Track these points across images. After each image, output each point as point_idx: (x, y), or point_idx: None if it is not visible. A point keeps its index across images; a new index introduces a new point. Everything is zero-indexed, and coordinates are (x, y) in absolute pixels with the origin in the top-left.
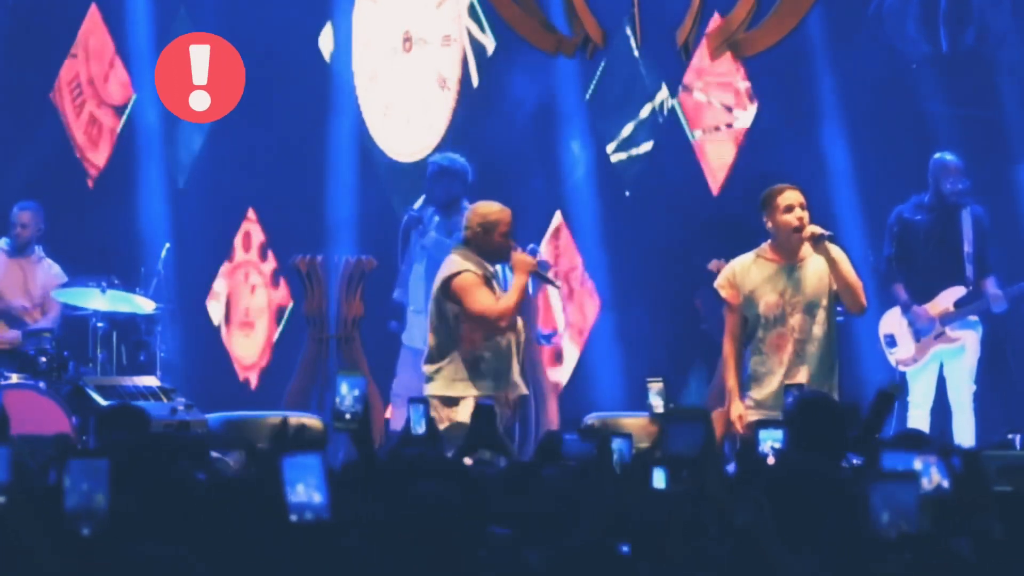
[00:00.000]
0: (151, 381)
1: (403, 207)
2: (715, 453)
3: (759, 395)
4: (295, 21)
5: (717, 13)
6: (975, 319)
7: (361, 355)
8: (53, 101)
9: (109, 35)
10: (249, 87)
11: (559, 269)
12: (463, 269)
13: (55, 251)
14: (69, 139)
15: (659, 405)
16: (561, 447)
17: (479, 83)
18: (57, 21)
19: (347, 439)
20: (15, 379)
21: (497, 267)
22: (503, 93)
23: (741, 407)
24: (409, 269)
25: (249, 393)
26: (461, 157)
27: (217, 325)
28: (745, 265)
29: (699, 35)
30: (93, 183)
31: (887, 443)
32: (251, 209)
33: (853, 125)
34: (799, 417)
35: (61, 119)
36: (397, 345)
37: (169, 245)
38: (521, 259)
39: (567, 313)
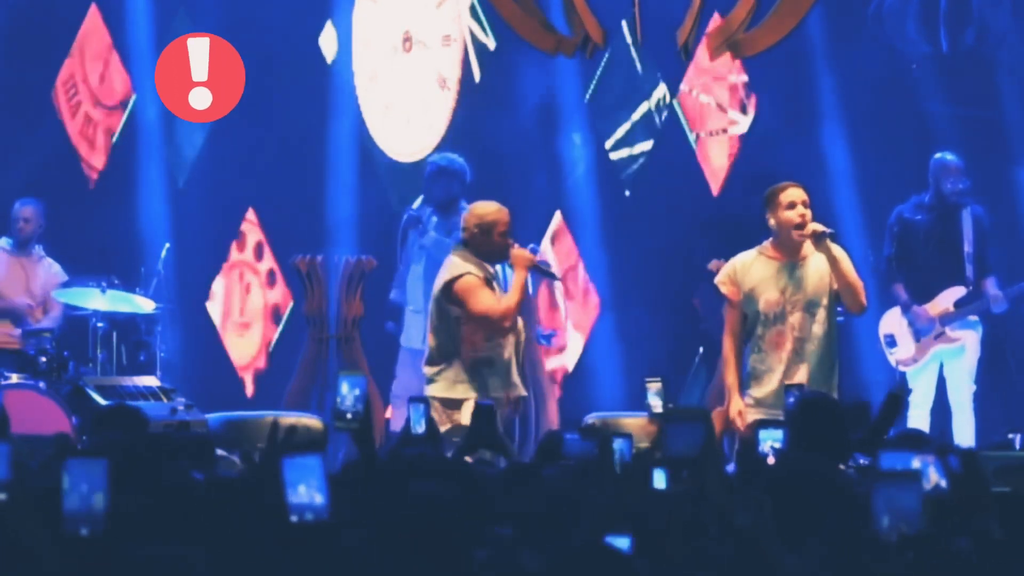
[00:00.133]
0: (151, 381)
1: (403, 207)
2: (715, 453)
3: (758, 393)
4: (295, 21)
5: (717, 13)
6: (975, 319)
7: (361, 355)
8: (53, 101)
9: (108, 35)
10: (249, 87)
11: (559, 269)
12: (464, 272)
13: (55, 251)
14: (68, 139)
15: (658, 405)
16: (562, 447)
17: (480, 81)
18: (58, 20)
19: (347, 439)
20: (15, 379)
21: (497, 266)
22: (503, 92)
23: (740, 403)
24: (407, 270)
25: (250, 393)
26: (459, 157)
27: (217, 325)
28: (746, 262)
29: (699, 35)
30: (93, 183)
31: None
32: (251, 209)
33: (853, 125)
34: (800, 417)
35: (60, 119)
36: (396, 346)
37: (169, 245)
38: (520, 255)
39: (568, 310)
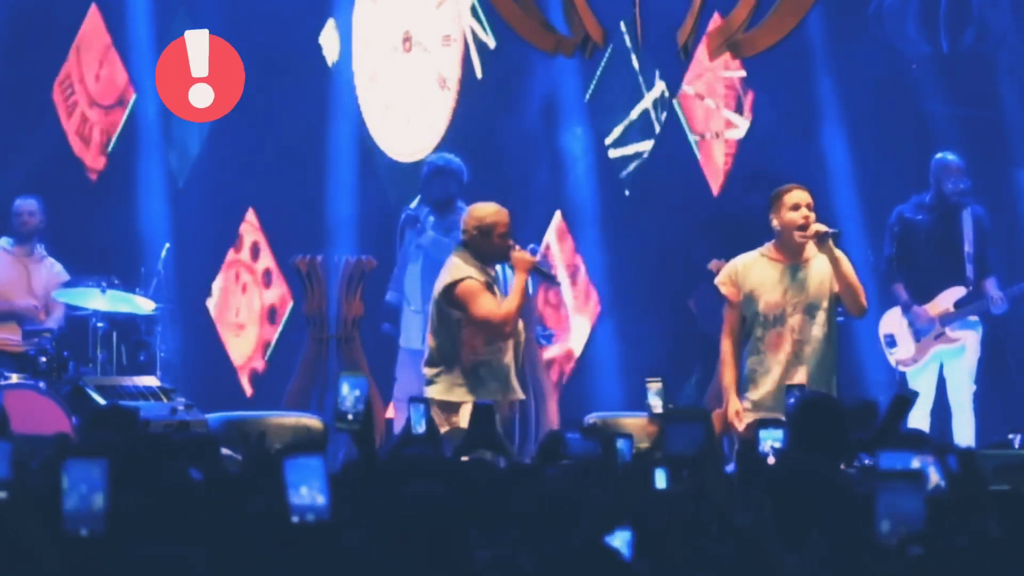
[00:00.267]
0: (151, 381)
1: (403, 207)
2: (715, 453)
3: (756, 395)
4: (295, 21)
5: (717, 13)
6: (975, 319)
7: (361, 355)
8: (53, 100)
9: (108, 34)
10: (249, 87)
11: (559, 269)
12: (466, 276)
13: (55, 250)
14: (66, 138)
15: (658, 405)
16: (562, 447)
17: (482, 80)
18: (58, 20)
19: (347, 439)
20: (15, 379)
21: (497, 267)
22: (504, 92)
23: (738, 405)
24: (403, 270)
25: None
26: (456, 157)
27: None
28: (748, 263)
29: (699, 35)
30: (92, 183)
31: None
32: (250, 210)
33: (853, 125)
34: (801, 417)
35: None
36: (395, 346)
37: (169, 245)
38: (521, 257)
39: (569, 310)
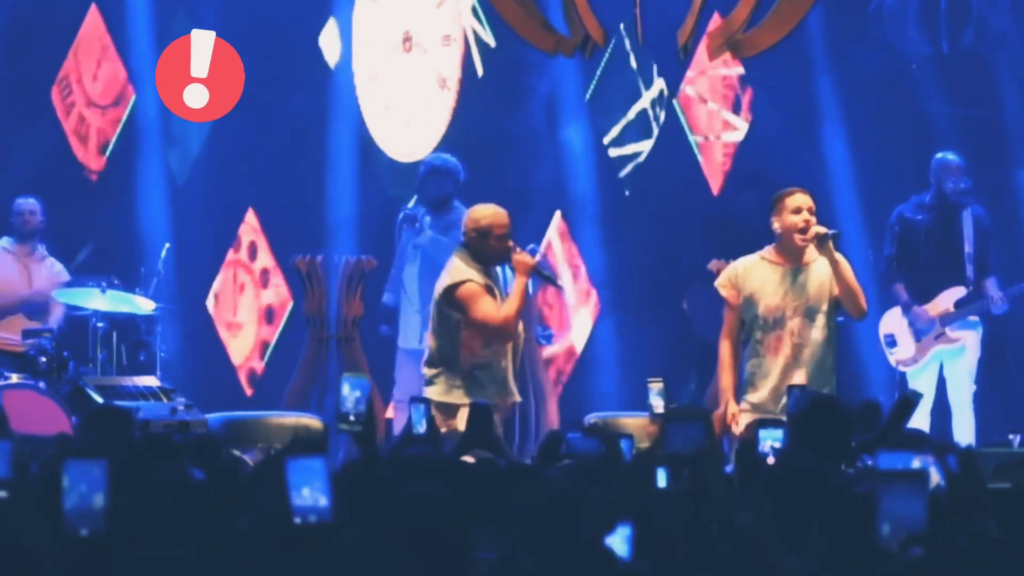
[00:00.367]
0: (151, 381)
1: (401, 207)
2: (715, 453)
3: (755, 398)
4: (295, 21)
5: (717, 13)
6: (975, 319)
7: (361, 355)
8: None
9: (107, 34)
10: (249, 87)
11: (559, 269)
12: (466, 279)
13: (55, 250)
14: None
15: (659, 405)
16: (562, 447)
17: (482, 78)
18: (58, 20)
19: (347, 439)
20: (15, 379)
21: (498, 269)
22: (504, 91)
23: (735, 407)
24: (399, 272)
25: (249, 393)
26: (452, 157)
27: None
28: (748, 266)
29: (699, 35)
30: (91, 183)
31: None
32: (250, 210)
33: (853, 125)
34: (802, 417)
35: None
36: (395, 347)
37: (169, 245)
38: (521, 260)
39: (569, 310)
